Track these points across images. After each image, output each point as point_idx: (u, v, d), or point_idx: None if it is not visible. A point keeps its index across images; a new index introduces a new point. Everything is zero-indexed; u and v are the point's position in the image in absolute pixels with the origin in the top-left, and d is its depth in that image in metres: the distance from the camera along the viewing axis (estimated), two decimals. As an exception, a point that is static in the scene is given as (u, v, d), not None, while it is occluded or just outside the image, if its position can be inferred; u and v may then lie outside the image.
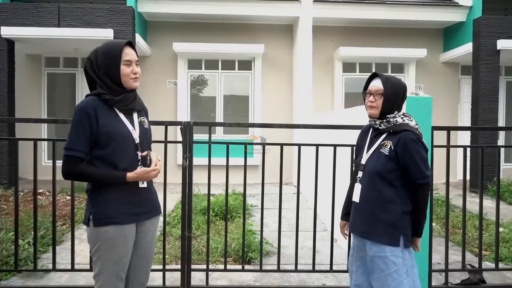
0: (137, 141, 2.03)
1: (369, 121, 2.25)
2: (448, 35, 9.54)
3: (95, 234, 1.94)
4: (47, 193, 6.92)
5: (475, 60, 8.33)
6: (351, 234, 2.33)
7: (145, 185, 2.06)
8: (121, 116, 2.01)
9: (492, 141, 8.02)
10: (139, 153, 2.03)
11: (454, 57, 9.13)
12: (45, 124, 8.99)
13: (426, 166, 2.08)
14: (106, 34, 7.50)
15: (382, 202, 2.10)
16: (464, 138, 8.95)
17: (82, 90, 9.15)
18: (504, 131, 9.37)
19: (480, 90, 8.17)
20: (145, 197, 2.08)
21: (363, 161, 2.21)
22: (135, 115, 2.09)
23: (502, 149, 8.17)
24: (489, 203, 6.93)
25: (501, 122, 9.41)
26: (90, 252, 1.98)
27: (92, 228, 1.94)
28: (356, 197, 2.22)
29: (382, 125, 2.15)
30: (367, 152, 2.21)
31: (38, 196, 6.48)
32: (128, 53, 1.99)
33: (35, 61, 9.05)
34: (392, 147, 2.08)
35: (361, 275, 2.21)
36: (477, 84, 8.25)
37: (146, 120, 2.17)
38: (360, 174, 2.22)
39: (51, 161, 3.12)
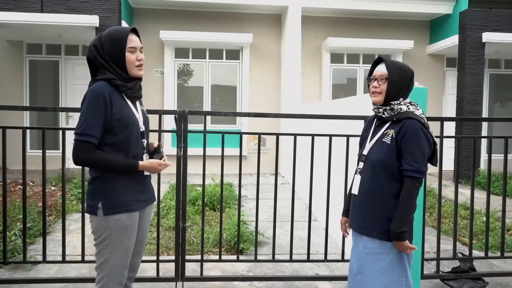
0: (142, 129, 2.02)
1: (372, 109, 2.12)
2: (434, 27, 9.63)
3: (104, 223, 1.89)
4: (31, 183, 6.76)
5: (461, 52, 8.44)
6: (351, 230, 2.20)
7: (148, 172, 2.06)
8: (129, 103, 1.98)
9: (477, 132, 8.17)
10: (144, 141, 2.03)
11: (440, 49, 9.23)
12: (27, 113, 8.74)
13: (423, 160, 1.92)
14: (91, 20, 7.29)
15: (383, 195, 1.97)
16: (447, 129, 9.07)
17: (66, 78, 8.92)
18: (487, 123, 9.54)
19: (465, 82, 8.29)
20: (147, 184, 2.10)
21: (365, 152, 2.09)
22: (137, 103, 2.07)
23: (484, 140, 8.32)
24: (474, 193, 7.08)
25: (485, 114, 9.59)
26: (95, 241, 1.94)
27: (101, 217, 1.89)
28: (355, 189, 2.10)
29: (385, 113, 2.02)
30: (370, 142, 2.09)
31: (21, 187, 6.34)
32: (133, 40, 1.95)
33: (16, 47, 8.74)
34: (394, 135, 1.95)
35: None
36: (462, 76, 8.37)
37: (144, 109, 2.16)
38: (361, 165, 2.10)
39: (34, 151, 3.02)
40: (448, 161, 7.96)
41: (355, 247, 2.10)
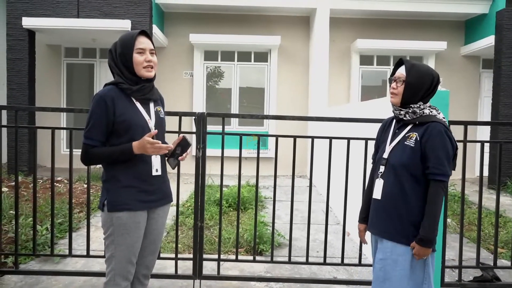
0: (153, 130, 2.07)
1: (393, 111, 2.09)
2: (469, 27, 9.31)
3: (108, 219, 2.00)
4: (65, 180, 7.07)
5: (497, 53, 8.11)
6: (371, 235, 2.16)
7: (159, 173, 2.09)
8: (138, 105, 2.05)
9: (513, 137, 7.83)
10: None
11: (475, 50, 8.91)
12: (64, 113, 9.16)
13: (449, 163, 1.89)
14: (123, 25, 7.57)
15: (408, 199, 1.94)
16: (484, 133, 8.76)
17: (100, 80, 9.28)
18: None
19: (501, 84, 7.96)
20: (158, 185, 2.12)
21: (385, 155, 2.05)
22: (151, 105, 2.13)
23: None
24: (507, 200, 6.79)
25: (523, 118, 9.17)
26: (104, 235, 2.04)
27: (106, 213, 2.00)
28: (377, 194, 2.05)
29: (407, 115, 2.00)
30: (389, 145, 2.05)
31: (57, 184, 6.64)
32: (142, 42, 2.02)
33: (55, 51, 9.20)
34: (418, 138, 1.93)
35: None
36: (498, 78, 8.04)
37: (162, 110, 2.21)
38: (382, 169, 2.05)
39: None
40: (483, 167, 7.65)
41: (379, 253, 2.05)
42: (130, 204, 2.00)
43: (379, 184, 2.05)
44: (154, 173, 2.07)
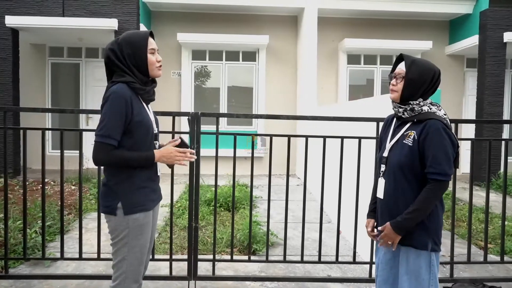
0: (155, 131, 2.09)
1: (392, 108, 2.06)
2: (454, 27, 9.47)
3: (123, 222, 1.94)
4: (52, 182, 6.95)
5: (481, 53, 8.28)
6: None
7: (160, 172, 2.14)
8: (145, 105, 2.05)
9: (497, 134, 8.00)
10: (157, 143, 2.11)
11: (460, 49, 9.07)
12: (49, 114, 8.99)
13: (447, 162, 1.84)
14: (110, 24, 7.47)
15: (407, 200, 1.91)
16: (469, 131, 8.93)
17: (86, 80, 9.14)
18: (508, 125, 9.33)
19: (485, 83, 8.13)
20: (159, 184, 2.18)
21: (385, 154, 2.04)
22: (149, 106, 2.14)
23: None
24: (492, 196, 6.93)
25: (506, 116, 9.38)
26: (112, 241, 1.98)
27: (120, 217, 1.94)
28: (380, 193, 2.05)
29: (405, 113, 1.97)
30: (389, 142, 2.04)
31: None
32: (152, 42, 2.03)
33: (39, 50, 9.02)
34: (416, 137, 1.89)
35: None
36: (483, 77, 8.21)
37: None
38: (383, 167, 2.04)
39: (55, 151, 3.13)
40: (468, 164, 7.82)
41: (387, 254, 2.03)
42: (146, 205, 2.00)
43: (381, 183, 2.05)
44: (158, 172, 2.12)
